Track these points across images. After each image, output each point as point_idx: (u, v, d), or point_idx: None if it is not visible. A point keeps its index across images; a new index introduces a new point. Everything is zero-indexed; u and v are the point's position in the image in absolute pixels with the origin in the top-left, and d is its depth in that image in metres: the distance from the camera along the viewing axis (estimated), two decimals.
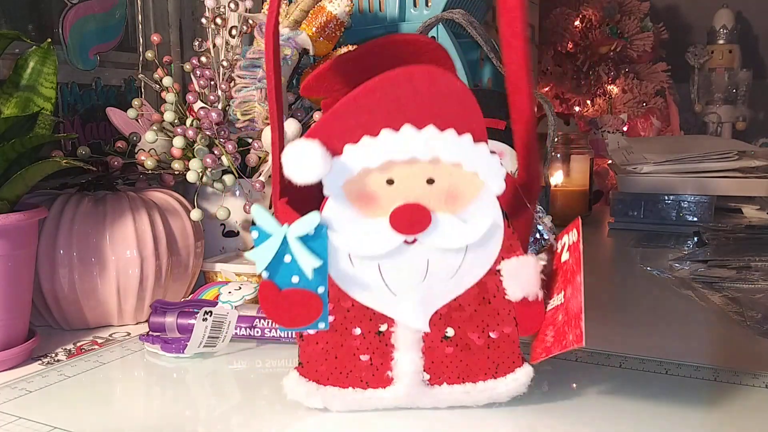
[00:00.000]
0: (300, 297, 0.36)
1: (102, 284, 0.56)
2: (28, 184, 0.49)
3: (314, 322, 0.37)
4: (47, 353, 0.52)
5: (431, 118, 0.34)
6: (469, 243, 0.37)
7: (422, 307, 0.38)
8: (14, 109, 0.51)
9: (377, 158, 0.35)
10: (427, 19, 0.66)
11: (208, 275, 0.65)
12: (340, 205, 0.36)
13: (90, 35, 0.74)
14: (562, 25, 1.58)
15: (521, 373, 0.39)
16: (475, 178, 0.36)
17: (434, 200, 0.36)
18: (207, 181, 0.63)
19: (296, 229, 0.35)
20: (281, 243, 0.35)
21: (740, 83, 1.76)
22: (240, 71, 0.65)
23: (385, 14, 0.84)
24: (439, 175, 0.35)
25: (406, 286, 0.37)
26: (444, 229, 0.36)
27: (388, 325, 0.38)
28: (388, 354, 0.38)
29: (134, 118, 0.67)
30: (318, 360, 0.39)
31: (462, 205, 0.36)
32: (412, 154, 0.35)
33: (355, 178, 0.35)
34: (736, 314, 0.60)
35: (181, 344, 0.50)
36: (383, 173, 0.35)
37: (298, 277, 0.36)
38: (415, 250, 0.36)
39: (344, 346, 0.38)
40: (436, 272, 0.37)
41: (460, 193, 0.36)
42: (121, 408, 0.43)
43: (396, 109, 0.34)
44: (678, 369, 0.47)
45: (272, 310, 0.37)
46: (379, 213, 0.36)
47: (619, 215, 1.14)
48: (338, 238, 0.36)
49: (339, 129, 0.34)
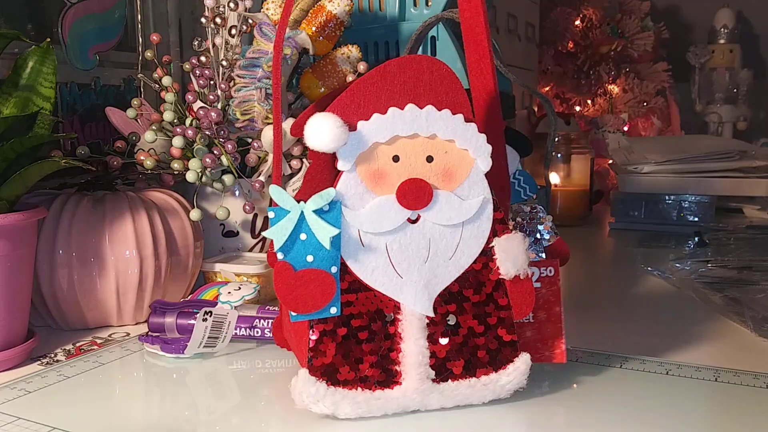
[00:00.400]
0: (315, 277, 0.38)
1: (101, 284, 0.56)
2: (27, 183, 0.49)
3: (326, 307, 0.38)
4: (46, 353, 0.52)
5: (430, 100, 0.39)
6: (465, 219, 0.40)
7: (426, 290, 0.40)
8: (13, 108, 0.51)
9: (386, 133, 0.38)
10: (427, 19, 0.65)
11: (207, 275, 0.65)
12: (353, 180, 0.38)
13: (89, 35, 0.74)
14: (563, 25, 1.58)
15: (520, 361, 0.41)
16: (466, 155, 0.39)
17: (433, 177, 0.39)
18: (206, 180, 0.63)
19: (313, 203, 0.37)
20: (297, 221, 0.37)
21: (741, 83, 1.76)
22: (239, 71, 0.65)
23: (385, 13, 0.84)
24: (437, 152, 0.39)
25: (411, 266, 0.39)
26: (444, 205, 0.39)
27: (395, 314, 0.40)
28: (396, 345, 0.40)
29: (133, 118, 0.67)
30: (328, 355, 0.39)
31: (457, 182, 0.40)
32: (415, 130, 0.38)
33: (366, 154, 0.38)
34: (736, 314, 0.60)
35: (180, 344, 0.50)
36: (391, 148, 0.39)
37: (313, 257, 0.38)
38: (417, 229, 0.39)
39: (353, 336, 0.39)
40: (437, 252, 0.40)
41: (455, 169, 0.39)
42: (120, 408, 0.43)
43: (401, 90, 0.38)
44: (679, 369, 0.47)
45: (287, 293, 0.38)
46: (387, 190, 0.39)
47: (619, 215, 1.14)
48: (350, 213, 0.38)
49: (353, 107, 0.38)
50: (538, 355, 0.44)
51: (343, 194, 0.38)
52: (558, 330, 0.44)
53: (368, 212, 0.38)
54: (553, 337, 0.44)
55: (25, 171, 0.47)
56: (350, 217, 0.38)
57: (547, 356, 0.44)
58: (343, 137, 0.37)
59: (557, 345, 0.44)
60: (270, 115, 0.65)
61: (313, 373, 0.39)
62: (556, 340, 0.44)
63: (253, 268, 0.63)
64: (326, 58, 0.70)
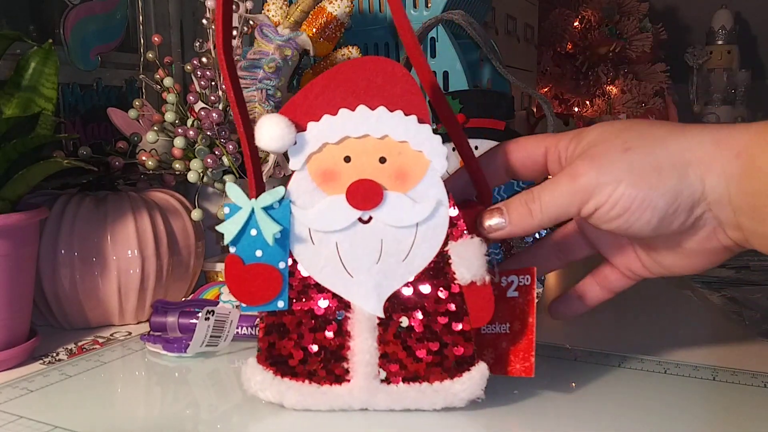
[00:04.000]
0: (262, 271, 0.39)
1: (103, 284, 0.56)
2: (29, 184, 0.49)
3: (273, 300, 0.40)
4: (48, 353, 0.52)
5: (382, 101, 0.39)
6: (417, 221, 0.39)
7: (377, 291, 0.40)
8: (16, 109, 0.51)
9: (336, 134, 0.39)
10: (427, 20, 0.66)
11: (208, 275, 0.65)
12: (304, 179, 0.39)
13: (91, 36, 0.74)
14: (561, 26, 1.59)
15: (476, 371, 0.40)
16: (421, 157, 0.39)
17: (385, 178, 0.39)
18: (208, 181, 0.63)
19: (263, 200, 0.39)
20: (248, 217, 0.39)
21: (739, 84, 1.77)
22: (240, 72, 0.65)
23: (385, 15, 0.84)
24: (389, 153, 0.39)
25: (361, 266, 0.40)
26: (395, 206, 0.39)
27: (346, 311, 0.40)
28: (345, 343, 0.40)
29: (135, 119, 0.67)
30: (276, 346, 0.40)
31: (411, 184, 0.39)
32: (365, 131, 0.39)
33: (317, 154, 0.39)
34: (734, 314, 0.60)
35: (182, 344, 0.50)
36: (341, 149, 0.39)
37: (262, 251, 0.39)
38: (369, 230, 0.40)
39: (302, 330, 0.40)
40: (390, 253, 0.40)
41: (409, 171, 0.39)
42: (122, 407, 0.43)
43: (352, 92, 0.39)
44: (677, 368, 0.47)
45: (235, 285, 0.39)
46: (338, 190, 0.39)
47: None
48: (300, 212, 0.39)
49: (304, 108, 0.39)
50: (510, 367, 0.42)
51: (293, 192, 0.39)
52: (529, 342, 0.41)
53: (318, 211, 0.39)
54: (524, 350, 0.41)
55: (27, 171, 0.48)
56: (300, 215, 0.39)
57: (518, 369, 0.41)
58: (289, 137, 0.38)
59: (527, 358, 0.41)
60: None
61: (261, 362, 0.40)
62: (527, 353, 0.41)
63: None
64: (327, 59, 0.71)
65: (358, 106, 0.39)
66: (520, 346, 0.41)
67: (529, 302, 0.41)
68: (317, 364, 0.40)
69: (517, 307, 0.42)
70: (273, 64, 0.65)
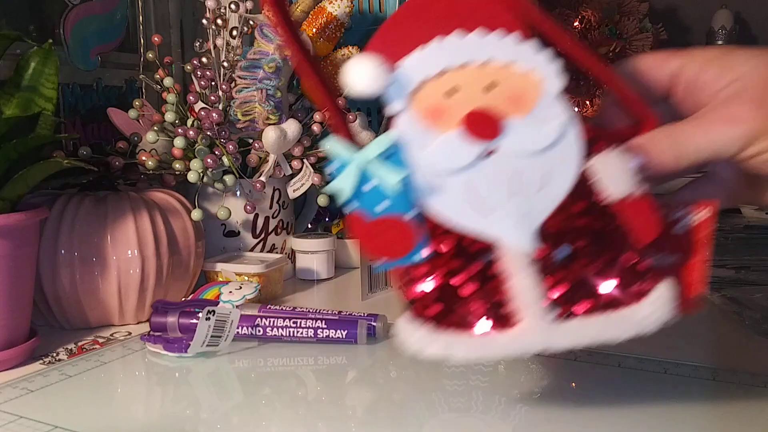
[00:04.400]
0: (391, 223, 0.36)
1: (103, 284, 0.56)
2: (29, 184, 0.49)
3: (412, 251, 0.36)
4: (48, 353, 0.52)
5: (475, 24, 0.35)
6: (546, 144, 0.36)
7: (522, 224, 0.36)
8: (15, 109, 0.51)
9: (433, 67, 0.35)
10: None
11: (208, 275, 0.65)
12: (410, 121, 0.36)
13: (91, 36, 0.74)
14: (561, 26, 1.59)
15: (663, 287, 0.36)
16: (531, 77, 0.36)
17: (500, 105, 0.36)
18: (208, 181, 0.63)
19: (373, 149, 0.35)
20: (361, 169, 0.35)
21: None
22: (240, 72, 0.65)
23: (385, 14, 0.84)
24: (497, 78, 0.36)
25: (498, 202, 0.36)
26: (518, 132, 0.36)
27: (493, 252, 0.36)
28: (502, 285, 0.36)
29: (135, 119, 0.67)
30: (428, 297, 0.36)
31: (528, 106, 0.36)
32: (465, 59, 0.35)
33: (416, 93, 0.36)
34: (734, 314, 0.60)
35: (183, 344, 0.50)
36: (442, 83, 0.36)
37: (384, 204, 0.35)
38: (496, 162, 0.36)
39: (451, 276, 0.36)
40: (525, 182, 0.36)
41: (522, 93, 0.36)
42: (122, 407, 0.43)
43: (444, 18, 0.35)
44: (677, 368, 0.47)
45: (368, 243, 0.36)
46: (450, 125, 0.36)
47: None
48: (418, 154, 0.36)
49: (389, 47, 0.35)
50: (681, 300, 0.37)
51: (403, 136, 0.36)
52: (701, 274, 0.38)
53: (436, 150, 0.35)
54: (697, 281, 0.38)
55: (27, 171, 0.48)
56: (419, 158, 0.35)
57: (690, 303, 0.38)
58: (385, 78, 0.35)
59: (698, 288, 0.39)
60: (271, 116, 0.65)
61: (417, 316, 0.36)
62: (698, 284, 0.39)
63: (254, 268, 0.63)
64: (327, 59, 0.71)
65: (449, 34, 0.35)
66: (692, 278, 0.38)
67: (703, 240, 0.38)
68: (479, 310, 0.36)
69: (687, 240, 0.38)
70: (273, 64, 0.65)
